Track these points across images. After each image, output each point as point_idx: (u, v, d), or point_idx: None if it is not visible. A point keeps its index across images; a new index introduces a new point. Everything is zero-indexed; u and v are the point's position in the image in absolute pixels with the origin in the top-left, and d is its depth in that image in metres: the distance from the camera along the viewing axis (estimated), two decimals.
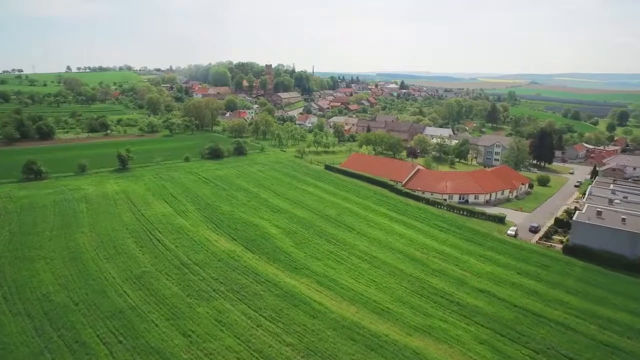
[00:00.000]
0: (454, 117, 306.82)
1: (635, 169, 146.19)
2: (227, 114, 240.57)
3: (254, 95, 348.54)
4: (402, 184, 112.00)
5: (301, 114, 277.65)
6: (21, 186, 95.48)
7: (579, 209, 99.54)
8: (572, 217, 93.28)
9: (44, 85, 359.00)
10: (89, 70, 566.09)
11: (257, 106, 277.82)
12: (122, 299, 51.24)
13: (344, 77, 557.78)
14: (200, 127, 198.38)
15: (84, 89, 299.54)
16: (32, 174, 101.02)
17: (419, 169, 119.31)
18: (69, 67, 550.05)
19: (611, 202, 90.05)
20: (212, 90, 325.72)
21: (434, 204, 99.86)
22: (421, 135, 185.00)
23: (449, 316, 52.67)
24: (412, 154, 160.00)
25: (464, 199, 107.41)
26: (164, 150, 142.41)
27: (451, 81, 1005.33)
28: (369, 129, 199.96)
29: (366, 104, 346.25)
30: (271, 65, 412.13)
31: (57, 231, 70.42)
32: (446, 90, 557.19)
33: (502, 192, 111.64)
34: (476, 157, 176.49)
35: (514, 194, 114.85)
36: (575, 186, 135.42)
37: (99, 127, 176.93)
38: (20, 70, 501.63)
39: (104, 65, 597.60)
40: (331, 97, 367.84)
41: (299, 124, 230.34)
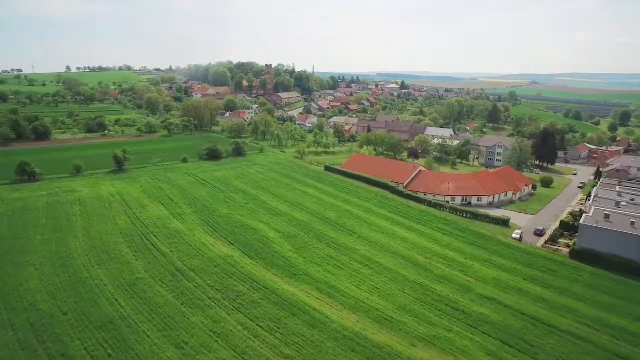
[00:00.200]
0: (455, 117, 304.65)
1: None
2: (227, 114, 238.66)
3: (254, 95, 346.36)
4: (404, 185, 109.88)
5: (301, 114, 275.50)
6: (14, 188, 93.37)
7: (585, 212, 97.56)
8: (578, 220, 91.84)
9: (43, 85, 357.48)
10: (88, 70, 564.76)
11: (256, 106, 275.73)
12: (113, 308, 48.99)
13: (344, 77, 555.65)
14: (199, 128, 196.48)
15: (83, 89, 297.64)
16: (26, 175, 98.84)
17: (420, 170, 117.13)
18: (68, 67, 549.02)
19: (618, 204, 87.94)
20: (211, 90, 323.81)
21: (437, 206, 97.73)
22: (422, 135, 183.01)
23: (454, 325, 50.48)
24: (413, 154, 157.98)
25: (466, 201, 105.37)
26: (162, 151, 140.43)
27: (451, 81, 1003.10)
28: (369, 129, 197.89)
29: (366, 104, 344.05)
30: (271, 65, 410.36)
31: (48, 235, 68.27)
32: (447, 90, 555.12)
33: (506, 194, 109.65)
34: (478, 158, 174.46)
35: (517, 195, 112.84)
36: (578, 187, 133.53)
37: (96, 127, 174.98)
38: (19, 70, 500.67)
39: (104, 65, 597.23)
40: (331, 97, 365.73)
41: (299, 124, 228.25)
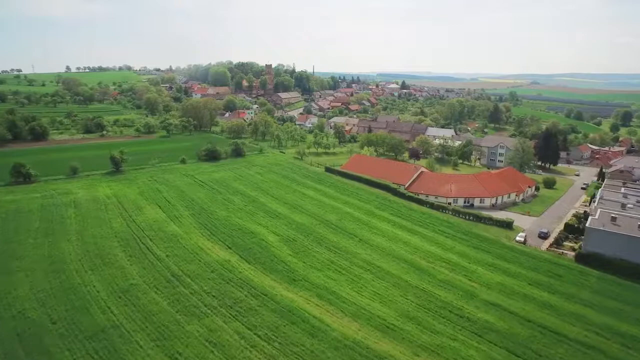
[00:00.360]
0: (456, 117, 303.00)
1: None
2: (227, 114, 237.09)
3: (254, 95, 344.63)
4: (405, 187, 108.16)
5: (301, 114, 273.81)
6: (8, 190, 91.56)
7: (590, 214, 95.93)
8: (583, 223, 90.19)
9: (43, 85, 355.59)
10: (88, 70, 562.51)
11: (256, 106, 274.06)
12: (105, 316, 47.19)
13: (344, 77, 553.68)
14: (198, 128, 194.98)
15: (82, 89, 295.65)
16: (21, 177, 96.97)
17: (422, 172, 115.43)
18: (68, 67, 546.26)
19: (624, 206, 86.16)
20: (211, 90, 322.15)
21: (439, 208, 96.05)
22: (423, 136, 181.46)
23: (458, 333, 48.79)
24: (415, 155, 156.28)
25: (469, 203, 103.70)
26: (160, 151, 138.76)
27: (452, 81, 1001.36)
28: (370, 130, 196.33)
29: (367, 104, 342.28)
30: (271, 65, 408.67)
31: (41, 239, 66.44)
32: (447, 90, 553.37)
33: (509, 196, 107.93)
34: (479, 159, 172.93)
35: (520, 197, 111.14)
36: (582, 188, 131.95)
37: (94, 127, 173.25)
38: (19, 70, 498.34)
39: (104, 65, 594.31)
40: (332, 97, 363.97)
41: (299, 125, 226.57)
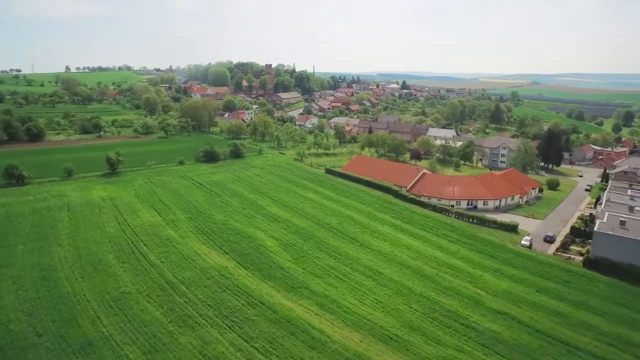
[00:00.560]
0: (457, 117, 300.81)
1: None
2: (226, 114, 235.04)
3: (254, 95, 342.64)
4: (407, 189, 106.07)
5: (301, 114, 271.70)
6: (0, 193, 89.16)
7: (596, 217, 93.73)
8: (589, 226, 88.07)
9: (42, 85, 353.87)
10: (88, 70, 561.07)
11: (256, 106, 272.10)
12: (94, 328, 44.90)
13: (344, 77, 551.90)
14: (197, 128, 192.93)
15: (81, 89, 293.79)
16: (13, 179, 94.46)
17: (424, 173, 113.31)
18: (67, 67, 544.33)
19: (632, 209, 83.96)
20: (211, 90, 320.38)
21: (441, 210, 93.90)
22: (424, 136, 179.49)
23: (465, 344, 46.65)
24: (416, 156, 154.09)
25: (472, 205, 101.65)
26: (158, 152, 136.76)
27: (452, 81, 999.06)
28: (370, 130, 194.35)
29: (367, 104, 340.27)
30: (271, 65, 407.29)
31: (31, 244, 64.11)
32: (448, 90, 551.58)
33: (512, 198, 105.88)
34: (481, 159, 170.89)
35: (524, 199, 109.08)
36: (585, 190, 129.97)
37: (91, 128, 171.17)
38: (18, 70, 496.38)
39: (104, 65, 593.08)
40: (332, 98, 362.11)
41: (299, 125, 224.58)
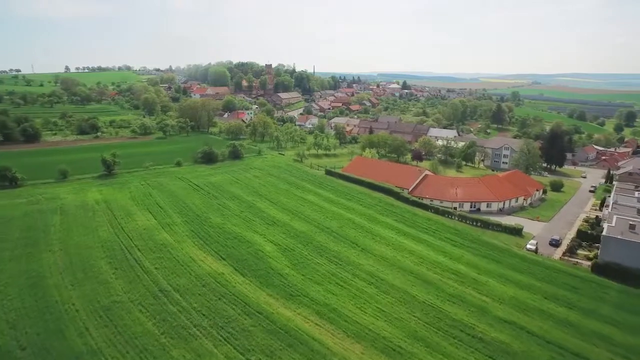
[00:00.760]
0: (459, 117, 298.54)
1: None
2: (226, 114, 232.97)
3: (254, 95, 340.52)
4: (409, 190, 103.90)
5: (301, 114, 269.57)
6: None
7: (602, 219, 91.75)
8: (596, 229, 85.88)
9: (41, 85, 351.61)
10: (88, 70, 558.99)
11: (256, 107, 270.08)
12: (82, 340, 42.60)
13: (345, 77, 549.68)
14: (196, 129, 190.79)
15: (80, 89, 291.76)
16: (7, 181, 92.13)
17: (426, 175, 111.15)
18: (67, 67, 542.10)
19: None
20: (210, 90, 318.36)
21: (444, 213, 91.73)
22: (426, 137, 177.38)
23: (471, 356, 44.41)
24: (417, 157, 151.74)
25: (475, 208, 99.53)
26: (155, 153, 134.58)
27: (452, 81, 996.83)
28: (371, 131, 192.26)
29: (368, 104, 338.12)
30: (271, 65, 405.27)
31: (20, 250, 61.73)
32: (449, 90, 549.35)
33: (516, 200, 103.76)
34: (483, 160, 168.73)
35: (528, 201, 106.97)
36: (590, 191, 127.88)
37: (89, 129, 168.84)
38: (18, 70, 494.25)
39: (104, 65, 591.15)
40: (332, 98, 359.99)
41: (299, 125, 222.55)
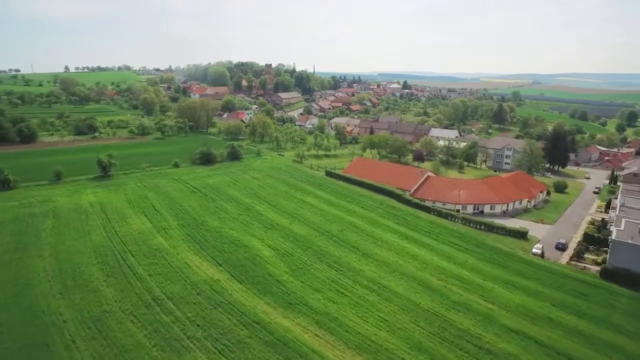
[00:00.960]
0: (460, 117, 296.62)
1: None
2: (225, 114, 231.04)
3: (253, 95, 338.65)
4: (411, 192, 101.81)
5: (301, 114, 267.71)
6: None
7: (609, 222, 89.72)
8: (603, 232, 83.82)
9: (40, 85, 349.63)
10: (87, 70, 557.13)
11: (256, 106, 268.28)
12: (68, 354, 40.38)
13: (345, 77, 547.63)
14: (195, 129, 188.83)
15: (78, 89, 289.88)
16: None
17: (428, 176, 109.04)
18: (67, 67, 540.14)
19: None
20: (210, 90, 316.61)
21: (447, 216, 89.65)
22: (427, 137, 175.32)
23: None
24: (419, 157, 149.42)
25: (478, 210, 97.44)
26: (153, 154, 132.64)
27: (453, 81, 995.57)
28: (372, 131, 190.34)
29: (368, 104, 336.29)
30: (271, 64, 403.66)
31: (9, 255, 59.51)
32: (449, 90, 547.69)
33: (520, 202, 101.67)
34: (485, 161, 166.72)
35: (532, 203, 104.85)
36: (594, 192, 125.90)
37: (86, 129, 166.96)
38: (17, 70, 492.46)
39: (103, 65, 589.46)
40: (332, 98, 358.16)
41: (299, 125, 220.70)
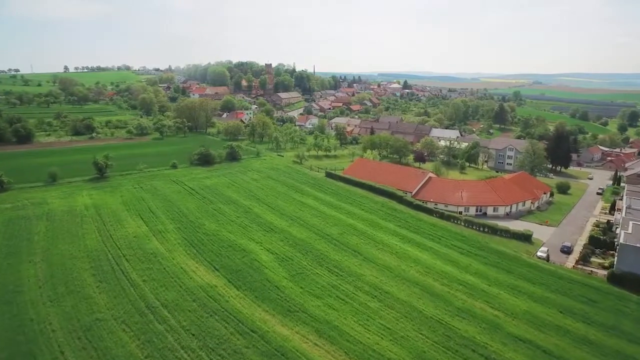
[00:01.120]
0: (461, 117, 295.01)
1: None
2: (224, 114, 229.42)
3: (253, 95, 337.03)
4: (412, 194, 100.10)
5: (301, 114, 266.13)
6: None
7: (614, 224, 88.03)
8: (609, 234, 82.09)
9: (39, 85, 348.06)
10: (87, 70, 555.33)
11: (255, 106, 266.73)
12: None
13: (345, 77, 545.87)
14: (194, 129, 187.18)
15: (77, 89, 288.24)
16: None
17: (430, 177, 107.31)
18: (66, 67, 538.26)
19: None
20: (209, 90, 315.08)
21: (450, 218, 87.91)
22: (428, 137, 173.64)
23: None
24: (420, 158, 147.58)
25: (481, 212, 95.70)
26: (151, 155, 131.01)
27: (453, 81, 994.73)
28: (372, 131, 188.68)
29: (369, 104, 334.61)
30: (271, 64, 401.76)
31: (0, 260, 57.97)
32: (450, 90, 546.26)
33: (524, 203, 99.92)
34: (487, 161, 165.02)
35: (536, 204, 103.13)
36: (597, 194, 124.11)
37: (84, 129, 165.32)
38: (16, 70, 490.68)
39: (103, 65, 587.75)
40: (333, 97, 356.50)
41: (299, 125, 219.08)
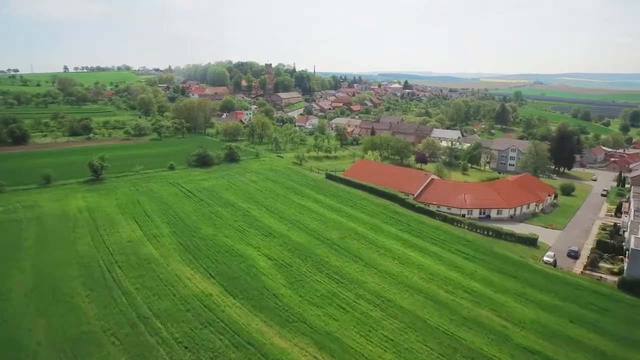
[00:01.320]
0: (462, 118, 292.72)
1: None
2: (224, 115, 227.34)
3: (253, 95, 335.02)
4: (414, 196, 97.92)
5: (301, 114, 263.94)
6: None
7: (622, 227, 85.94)
8: (617, 238, 79.98)
9: (38, 85, 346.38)
10: (86, 70, 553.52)
11: (255, 107, 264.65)
12: None
13: (345, 77, 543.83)
14: (193, 130, 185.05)
15: (76, 89, 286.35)
16: None
17: (432, 179, 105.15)
18: (66, 67, 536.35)
19: None
20: (209, 90, 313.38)
21: (453, 221, 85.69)
22: (430, 138, 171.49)
23: None
24: (421, 159, 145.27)
25: (485, 214, 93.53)
26: (148, 156, 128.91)
27: (454, 81, 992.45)
28: (373, 131, 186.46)
29: (369, 104, 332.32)
30: (271, 64, 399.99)
31: None
32: (451, 90, 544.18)
33: (528, 206, 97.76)
34: (489, 162, 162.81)
35: (540, 207, 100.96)
36: (602, 195, 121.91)
37: (81, 130, 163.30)
38: (16, 70, 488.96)
39: (103, 65, 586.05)
40: (333, 98, 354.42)
41: (299, 126, 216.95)
